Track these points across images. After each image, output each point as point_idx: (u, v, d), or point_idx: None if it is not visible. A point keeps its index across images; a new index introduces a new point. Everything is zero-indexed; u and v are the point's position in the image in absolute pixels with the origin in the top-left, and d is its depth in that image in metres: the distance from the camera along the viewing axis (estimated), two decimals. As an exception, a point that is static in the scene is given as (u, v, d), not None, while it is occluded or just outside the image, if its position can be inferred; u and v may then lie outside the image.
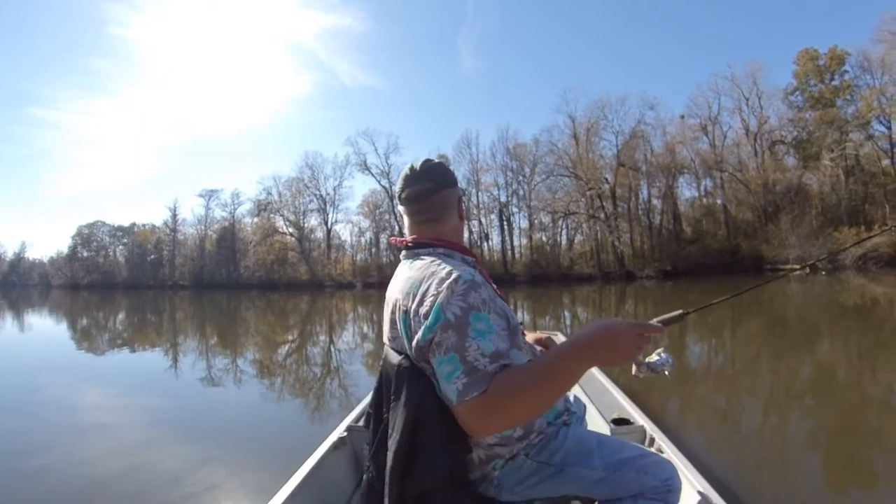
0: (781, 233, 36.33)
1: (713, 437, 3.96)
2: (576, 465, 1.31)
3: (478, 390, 1.08)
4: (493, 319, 1.17)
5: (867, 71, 39.79)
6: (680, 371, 6.81)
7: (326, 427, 4.48)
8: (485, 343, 1.12)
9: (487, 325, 1.15)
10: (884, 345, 8.03)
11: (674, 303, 18.68)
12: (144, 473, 3.47)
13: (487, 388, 1.08)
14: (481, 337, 1.12)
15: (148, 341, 12.45)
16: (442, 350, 1.14)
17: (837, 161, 38.82)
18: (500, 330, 1.17)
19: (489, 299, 1.19)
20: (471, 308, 1.14)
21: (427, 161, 1.44)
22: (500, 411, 1.08)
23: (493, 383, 1.08)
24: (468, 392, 1.09)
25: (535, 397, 1.09)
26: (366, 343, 10.70)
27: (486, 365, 1.10)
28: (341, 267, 54.38)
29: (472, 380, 1.09)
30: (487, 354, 1.11)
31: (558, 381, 1.09)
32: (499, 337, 1.15)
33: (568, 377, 1.10)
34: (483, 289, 1.19)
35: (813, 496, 2.83)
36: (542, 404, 1.16)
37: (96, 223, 75.25)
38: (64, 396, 6.21)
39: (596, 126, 45.63)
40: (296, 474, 1.77)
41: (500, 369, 1.11)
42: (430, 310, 1.17)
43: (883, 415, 4.52)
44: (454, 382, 1.11)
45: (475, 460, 1.30)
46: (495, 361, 1.11)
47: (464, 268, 1.24)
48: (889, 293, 16.90)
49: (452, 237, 1.42)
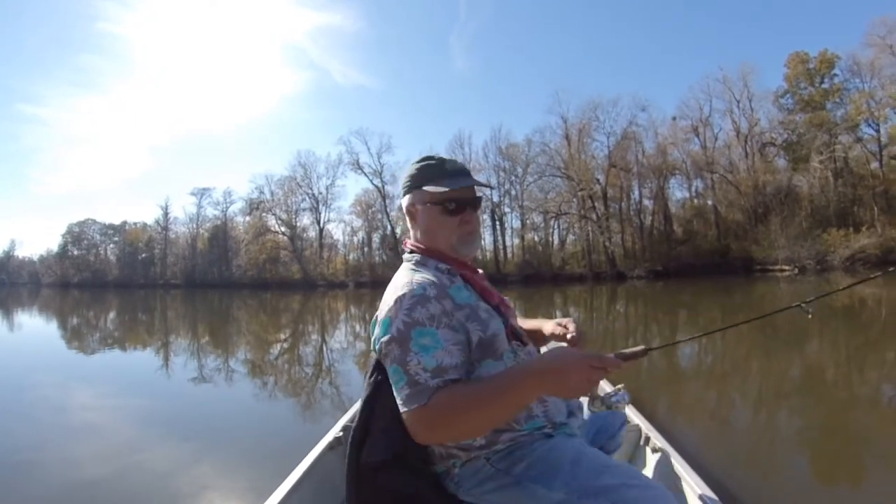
0: (771, 234, 36.63)
1: (708, 435, 4.00)
2: (534, 482, 1.23)
3: (417, 402, 1.12)
4: (441, 334, 1.19)
5: (856, 74, 40.30)
6: (675, 370, 6.88)
7: (319, 426, 4.51)
8: (426, 358, 1.15)
9: (433, 341, 1.18)
10: (872, 344, 8.13)
11: (664, 303, 18.79)
12: (135, 474, 3.46)
13: (427, 401, 1.12)
14: (424, 352, 1.16)
15: (139, 341, 12.39)
16: (388, 361, 1.21)
17: (827, 163, 39.18)
18: (451, 345, 1.19)
19: (440, 314, 1.21)
20: (414, 323, 1.19)
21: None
22: (440, 426, 1.13)
23: (433, 398, 1.12)
24: (409, 403, 1.14)
25: (477, 417, 1.11)
26: (358, 342, 10.70)
27: (428, 379, 1.14)
28: (333, 266, 54.27)
29: (413, 392, 1.13)
30: (429, 369, 1.14)
31: (503, 403, 1.10)
32: (446, 352, 1.18)
33: (514, 402, 1.12)
34: (433, 303, 1.22)
35: (805, 492, 2.87)
36: (485, 424, 1.16)
37: (87, 221, 74.74)
38: (54, 397, 6.17)
39: (588, 127, 45.89)
40: (291, 474, 1.78)
41: (445, 384, 1.14)
42: (382, 320, 1.25)
43: (871, 413, 4.58)
44: (399, 392, 1.16)
45: (436, 454, 1.36)
46: (438, 376, 1.14)
47: (424, 280, 1.27)
48: (877, 293, 17.06)
49: (431, 241, 1.40)
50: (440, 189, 1.36)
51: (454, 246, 1.39)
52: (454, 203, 1.38)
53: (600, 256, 44.95)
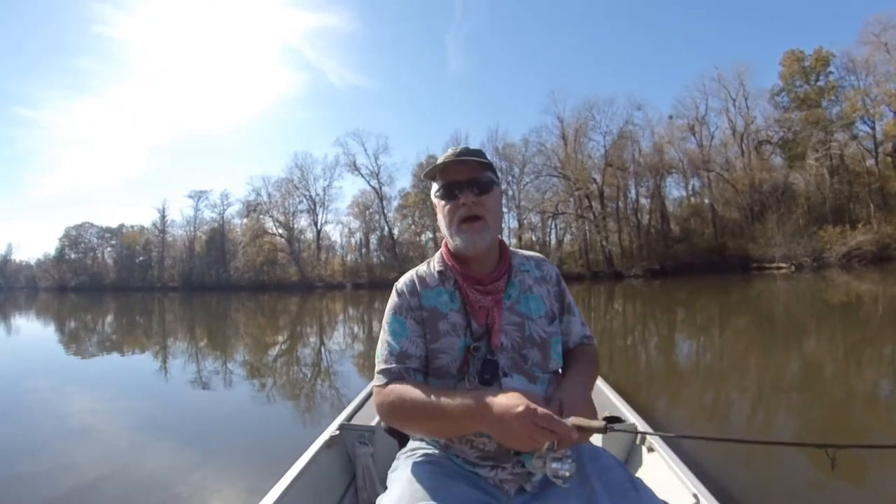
0: (768, 232, 36.70)
1: (704, 433, 4.02)
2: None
3: (379, 382, 1.26)
4: (409, 325, 1.30)
5: (852, 72, 40.47)
6: (671, 368, 6.89)
7: (317, 428, 4.50)
8: (394, 343, 1.28)
9: (401, 328, 1.30)
10: (869, 341, 8.16)
11: (662, 301, 18.82)
12: (133, 477, 3.45)
13: (385, 385, 1.23)
14: (393, 336, 1.29)
15: (137, 344, 12.37)
16: (380, 336, 1.34)
17: (822, 161, 39.31)
18: (415, 336, 1.29)
19: (407, 307, 1.31)
20: (391, 310, 1.33)
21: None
22: (393, 418, 1.23)
23: (391, 384, 1.23)
24: (377, 380, 1.27)
25: (422, 424, 1.20)
26: (356, 344, 10.70)
27: (392, 362, 1.26)
28: (331, 268, 54.26)
29: (380, 370, 1.27)
30: (395, 354, 1.27)
31: (445, 424, 1.14)
32: (410, 342, 1.28)
33: (455, 427, 1.14)
34: (403, 297, 1.33)
35: (803, 490, 2.88)
36: (429, 433, 1.25)
37: (84, 224, 74.55)
38: (51, 401, 6.15)
39: (584, 126, 45.95)
40: (288, 472, 1.79)
41: (406, 372, 1.25)
42: None
43: (867, 409, 4.59)
44: (376, 365, 1.30)
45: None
46: (402, 362, 1.26)
47: (412, 276, 1.37)
48: (873, 290, 17.12)
49: (448, 239, 1.33)
50: (438, 177, 1.33)
51: (453, 235, 1.29)
52: (443, 188, 1.31)
53: (597, 256, 45.02)
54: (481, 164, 1.32)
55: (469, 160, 1.29)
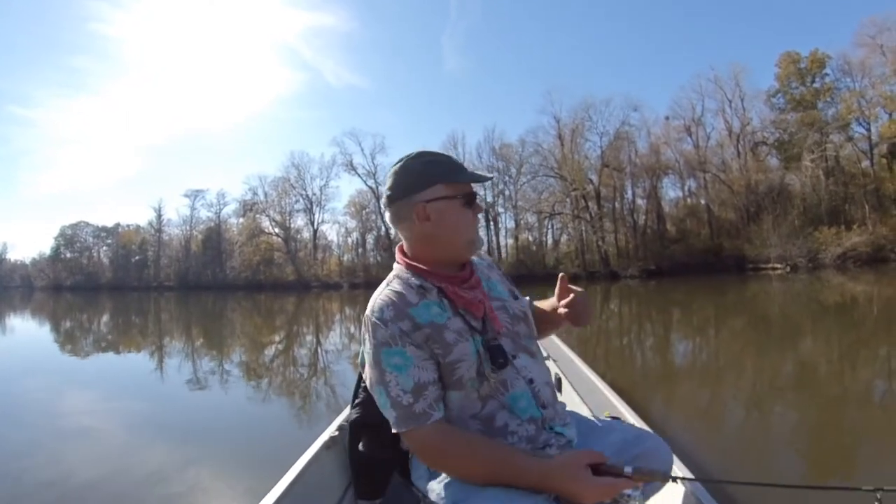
0: (763, 232, 36.78)
1: (703, 433, 4.04)
2: (433, 477, 1.25)
3: (406, 426, 1.14)
4: (409, 351, 1.16)
5: (847, 74, 40.57)
6: (668, 368, 6.92)
7: (315, 428, 4.51)
8: (403, 378, 1.15)
9: (403, 359, 1.16)
10: (864, 342, 8.20)
11: (658, 302, 18.87)
12: (129, 478, 3.45)
13: (414, 430, 1.14)
14: (398, 371, 1.15)
15: (133, 344, 12.35)
16: (373, 385, 1.20)
17: (818, 162, 39.43)
18: (421, 360, 1.17)
19: (399, 334, 1.17)
20: (381, 345, 1.17)
21: (393, 164, 1.32)
22: (436, 461, 1.19)
23: (427, 429, 1.14)
24: (399, 426, 1.15)
25: (465, 472, 1.15)
26: (353, 344, 10.70)
27: (410, 400, 1.14)
28: (328, 267, 54.12)
29: (400, 416, 1.14)
30: (408, 390, 1.14)
31: (498, 479, 1.11)
32: (419, 369, 1.16)
33: (512, 482, 1.10)
34: (391, 324, 1.17)
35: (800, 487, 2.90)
36: (471, 480, 1.15)
37: (80, 223, 74.16)
38: (47, 401, 6.15)
39: (580, 127, 45.94)
40: (288, 473, 1.78)
41: (430, 408, 1.15)
42: (361, 339, 1.27)
43: (862, 408, 4.63)
44: (387, 413, 1.17)
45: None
46: (418, 395, 1.14)
47: (386, 299, 1.21)
48: (868, 291, 17.21)
49: (420, 251, 1.30)
50: (460, 182, 1.29)
51: (473, 241, 1.32)
52: (467, 196, 1.31)
53: (594, 256, 45.08)
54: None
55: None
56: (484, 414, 1.22)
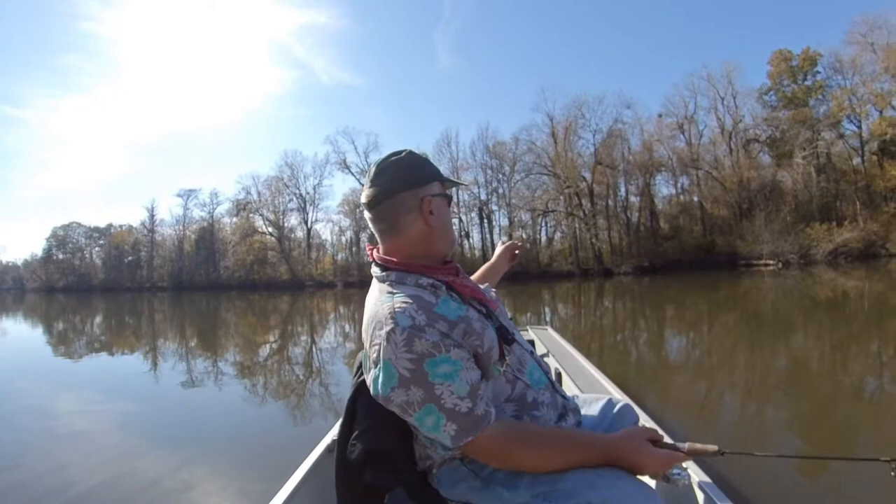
0: (755, 229, 37.06)
1: (699, 424, 4.06)
2: (500, 484, 1.18)
3: (472, 434, 1.09)
4: (454, 355, 1.09)
5: (838, 72, 40.95)
6: (662, 363, 6.95)
7: (309, 429, 4.52)
8: (456, 385, 1.07)
9: (451, 365, 1.08)
10: (855, 336, 8.27)
11: (651, 298, 18.94)
12: (124, 482, 3.42)
13: (479, 434, 1.10)
14: (449, 380, 1.07)
15: (126, 345, 12.29)
16: (415, 407, 1.08)
17: (810, 159, 39.73)
18: (466, 361, 1.11)
19: (442, 337, 1.09)
20: (422, 357, 1.06)
21: (386, 158, 1.27)
22: (503, 456, 1.14)
23: (489, 429, 1.11)
24: (462, 437, 1.09)
25: (537, 459, 1.14)
26: (348, 343, 10.69)
27: (469, 405, 1.08)
28: (322, 266, 54.10)
29: (462, 426, 1.08)
30: (464, 395, 1.08)
31: (566, 459, 1.14)
32: (468, 371, 1.10)
33: (579, 460, 1.14)
34: (429, 330, 1.08)
35: (796, 480, 2.92)
36: (541, 467, 1.15)
37: (72, 224, 73.64)
38: (40, 404, 6.11)
39: (574, 125, 46.11)
40: (291, 477, 1.76)
41: (489, 407, 1.12)
42: (378, 360, 1.12)
43: (855, 401, 4.67)
44: (443, 431, 1.09)
45: (417, 454, 1.30)
46: (475, 397, 1.09)
47: (406, 306, 1.12)
48: (859, 286, 17.34)
49: (417, 249, 1.26)
50: (446, 183, 1.32)
51: (455, 240, 1.34)
52: (447, 195, 1.32)
53: (587, 253, 45.26)
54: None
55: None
56: (515, 395, 1.22)
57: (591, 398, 1.56)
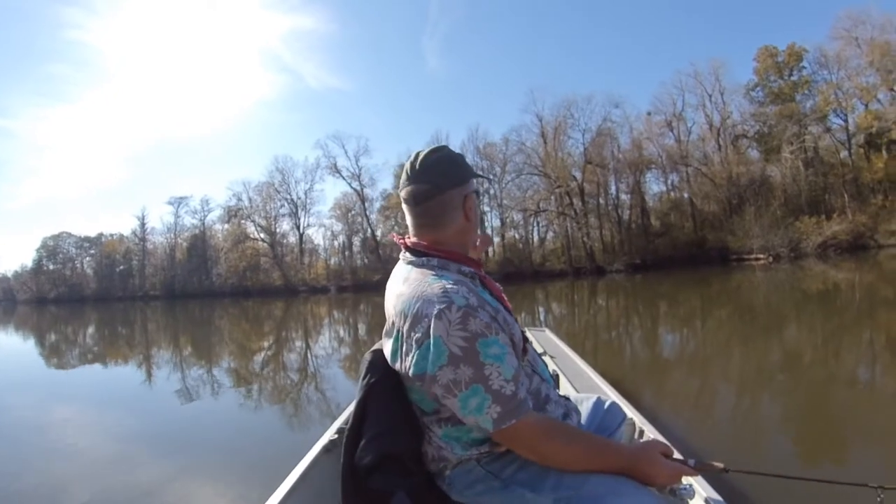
0: (746, 224, 37.24)
1: (695, 420, 4.09)
2: (522, 485, 1.19)
3: (515, 418, 1.10)
4: (501, 339, 1.12)
5: (824, 67, 41.19)
6: (656, 358, 6.99)
7: (307, 434, 4.52)
8: (504, 367, 1.09)
9: (500, 348, 1.10)
10: (847, 327, 8.35)
11: (644, 295, 19.03)
12: (121, 494, 3.40)
13: (521, 419, 1.11)
14: (498, 361, 1.09)
15: (120, 355, 12.21)
16: (461, 386, 1.09)
17: (797, 153, 39.97)
18: (510, 348, 1.14)
19: (491, 320, 1.12)
20: (475, 336, 1.08)
21: (429, 154, 1.28)
22: (538, 446, 1.14)
23: (529, 414, 1.13)
24: (505, 420, 1.09)
25: (570, 455, 1.15)
26: (343, 347, 10.69)
27: (513, 388, 1.10)
28: (315, 271, 53.87)
29: (506, 409, 1.09)
30: (510, 378, 1.09)
31: (591, 460, 1.16)
32: (510, 355, 1.13)
33: (600, 465, 1.16)
34: (481, 311, 1.11)
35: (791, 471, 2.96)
36: (567, 463, 1.16)
37: (62, 234, 72.78)
38: (33, 417, 6.05)
39: (563, 125, 46.18)
40: (288, 477, 1.77)
41: (526, 395, 1.14)
42: (424, 339, 1.11)
43: (848, 392, 4.71)
44: (486, 413, 1.09)
45: (429, 455, 1.30)
46: (517, 382, 1.11)
47: (458, 287, 1.14)
48: (849, 278, 17.50)
49: (454, 242, 1.29)
50: (480, 175, 1.36)
51: (475, 234, 1.38)
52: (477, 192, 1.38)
53: (580, 252, 45.31)
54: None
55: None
56: (533, 388, 1.24)
57: (581, 397, 1.63)
